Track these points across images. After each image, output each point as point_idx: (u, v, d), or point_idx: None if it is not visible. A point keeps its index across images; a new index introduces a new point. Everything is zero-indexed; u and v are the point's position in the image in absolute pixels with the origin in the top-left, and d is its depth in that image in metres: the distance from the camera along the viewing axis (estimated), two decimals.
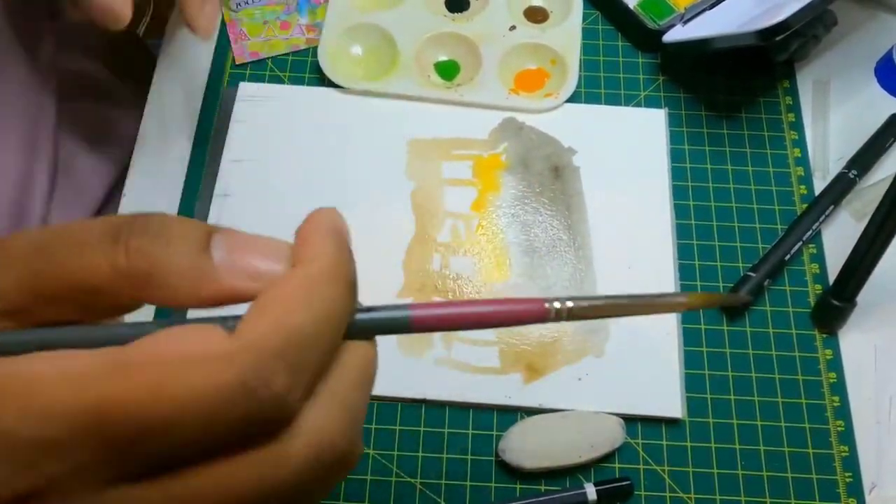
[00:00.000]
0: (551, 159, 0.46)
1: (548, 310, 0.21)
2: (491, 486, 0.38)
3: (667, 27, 0.48)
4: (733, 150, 0.47)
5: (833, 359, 0.41)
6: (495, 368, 0.40)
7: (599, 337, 0.41)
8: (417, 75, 0.47)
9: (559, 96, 0.47)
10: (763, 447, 0.39)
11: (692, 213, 0.45)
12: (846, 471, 0.38)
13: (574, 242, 0.43)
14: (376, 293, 0.42)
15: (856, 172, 0.45)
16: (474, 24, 0.49)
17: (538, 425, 0.38)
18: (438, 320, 0.20)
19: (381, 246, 0.43)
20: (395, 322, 0.20)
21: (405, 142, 0.46)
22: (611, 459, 0.39)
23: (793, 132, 0.47)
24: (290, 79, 0.49)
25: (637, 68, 0.49)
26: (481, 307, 0.20)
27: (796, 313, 0.42)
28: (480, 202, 0.44)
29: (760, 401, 0.40)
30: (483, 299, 0.23)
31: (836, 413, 0.40)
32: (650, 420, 0.39)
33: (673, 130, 0.47)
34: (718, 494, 0.38)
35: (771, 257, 0.42)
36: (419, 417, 0.40)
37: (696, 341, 0.41)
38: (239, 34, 0.50)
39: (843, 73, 0.50)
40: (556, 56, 0.48)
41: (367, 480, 0.38)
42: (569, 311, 0.21)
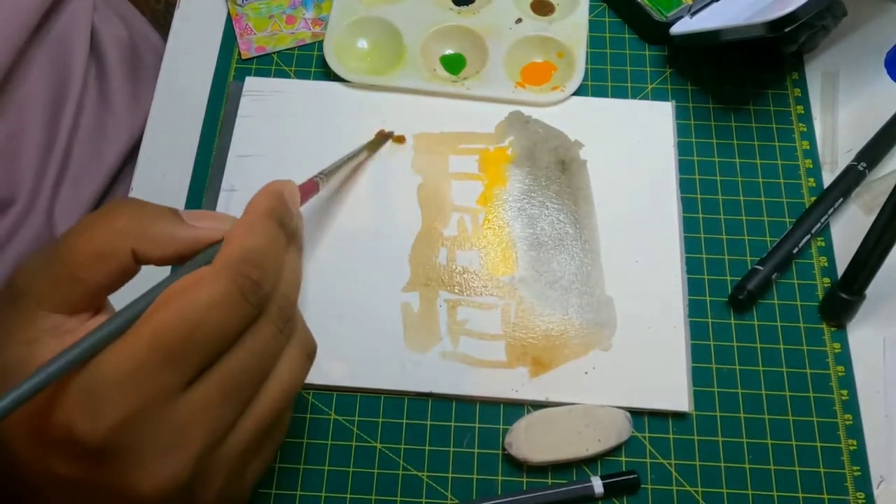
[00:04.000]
0: (558, 153, 0.46)
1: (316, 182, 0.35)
2: (497, 479, 0.38)
3: (674, 19, 0.48)
4: (741, 143, 0.46)
5: (841, 352, 0.41)
6: (502, 362, 0.40)
7: (606, 330, 0.41)
8: (423, 69, 0.47)
9: (566, 89, 0.47)
10: (770, 441, 0.39)
11: (699, 206, 0.45)
12: (854, 465, 0.38)
13: (581, 236, 0.43)
14: (383, 287, 0.42)
15: (865, 165, 0.44)
16: (480, 18, 0.49)
17: (545, 419, 0.38)
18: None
19: (387, 240, 0.43)
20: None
21: (411, 136, 0.46)
22: (617, 453, 0.39)
23: (801, 124, 0.47)
24: (297, 73, 0.49)
25: (644, 61, 0.49)
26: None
27: (804, 307, 0.42)
28: (487, 196, 0.44)
29: (768, 394, 0.40)
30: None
31: (845, 407, 0.40)
32: (657, 414, 0.39)
33: (680, 123, 0.47)
34: (725, 488, 0.38)
35: (779, 250, 0.42)
36: (426, 411, 0.40)
37: (704, 335, 0.41)
38: (245, 29, 0.50)
39: (853, 65, 0.49)
40: (562, 49, 0.48)
41: (374, 473, 0.38)
42: (324, 179, 0.36)
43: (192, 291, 0.25)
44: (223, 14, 0.51)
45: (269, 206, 0.29)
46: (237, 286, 0.26)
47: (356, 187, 0.45)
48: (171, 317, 0.24)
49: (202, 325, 0.25)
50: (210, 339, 0.25)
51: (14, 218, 0.45)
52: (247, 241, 0.27)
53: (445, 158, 0.45)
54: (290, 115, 0.47)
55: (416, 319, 0.41)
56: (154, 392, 0.24)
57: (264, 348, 0.27)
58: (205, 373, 0.26)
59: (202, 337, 0.25)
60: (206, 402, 0.26)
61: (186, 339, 0.24)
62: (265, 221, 0.28)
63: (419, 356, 0.40)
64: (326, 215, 0.44)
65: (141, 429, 0.24)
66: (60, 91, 0.49)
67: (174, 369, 0.25)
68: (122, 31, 0.54)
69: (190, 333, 0.24)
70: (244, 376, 0.27)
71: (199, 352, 0.25)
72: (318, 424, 0.39)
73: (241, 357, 0.26)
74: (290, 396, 0.29)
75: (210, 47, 0.50)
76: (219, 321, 0.25)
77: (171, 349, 0.24)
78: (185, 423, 0.25)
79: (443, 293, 0.42)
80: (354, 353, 0.40)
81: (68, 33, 0.49)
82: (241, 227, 0.27)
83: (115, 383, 0.24)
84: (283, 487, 0.38)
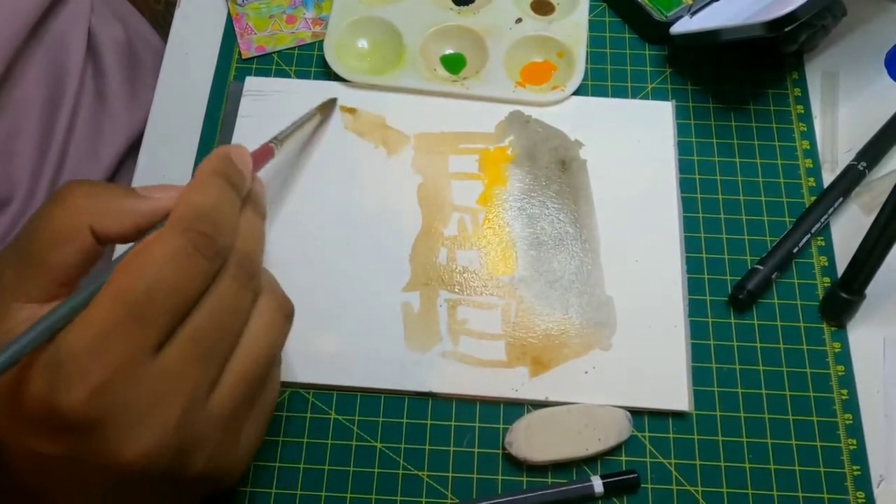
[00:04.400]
0: (558, 152, 0.46)
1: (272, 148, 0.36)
2: (497, 478, 0.38)
3: (674, 19, 0.48)
4: (741, 143, 0.46)
5: (841, 352, 0.41)
6: (502, 362, 0.40)
7: (606, 330, 0.41)
8: (423, 69, 0.47)
9: (566, 89, 0.47)
10: (770, 440, 0.39)
11: (699, 205, 0.45)
12: (854, 464, 0.38)
13: (581, 236, 0.43)
14: (383, 287, 0.42)
15: (865, 164, 0.44)
16: (480, 17, 0.49)
17: (545, 418, 0.38)
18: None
19: (387, 240, 0.43)
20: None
21: (411, 136, 0.46)
22: (617, 452, 0.39)
23: (801, 124, 0.47)
24: (297, 73, 0.49)
25: (644, 60, 0.49)
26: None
27: (804, 306, 0.42)
28: (487, 196, 0.44)
29: (768, 394, 0.40)
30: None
31: (845, 406, 0.40)
32: (657, 413, 0.39)
33: (680, 123, 0.47)
34: (726, 487, 0.38)
35: (779, 250, 0.42)
36: (426, 411, 0.40)
37: (704, 334, 0.41)
38: (245, 28, 0.50)
39: (853, 65, 0.49)
40: (562, 48, 0.48)
41: (374, 473, 0.38)
42: (281, 143, 0.37)
43: (146, 252, 0.25)
44: (223, 14, 0.51)
45: (215, 166, 0.29)
46: (189, 240, 0.26)
47: (355, 187, 0.45)
48: (129, 278, 0.25)
49: (161, 283, 0.25)
50: (171, 296, 0.25)
51: (10, 217, 0.45)
52: (195, 198, 0.27)
53: (445, 158, 0.45)
54: (291, 115, 0.46)
55: (416, 319, 0.41)
56: (124, 355, 0.24)
57: (229, 304, 0.27)
58: (174, 334, 0.26)
59: (163, 294, 0.25)
60: (181, 363, 0.26)
61: (148, 299, 0.25)
62: (212, 179, 0.28)
63: (419, 356, 0.40)
64: (326, 215, 0.44)
65: (117, 395, 0.24)
66: (57, 91, 0.49)
67: (141, 330, 0.25)
68: (119, 32, 0.54)
69: (150, 292, 0.25)
70: (214, 333, 0.27)
71: (163, 310, 0.25)
72: (318, 424, 0.39)
73: (207, 314, 0.26)
74: (269, 354, 0.29)
75: (210, 47, 0.50)
76: (176, 277, 0.25)
77: (134, 310, 0.24)
78: (162, 385, 0.25)
79: (443, 293, 0.42)
80: (355, 352, 0.40)
81: (65, 34, 0.49)
82: (189, 188, 0.28)
83: (84, 351, 0.24)
84: (283, 487, 0.38)
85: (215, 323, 0.27)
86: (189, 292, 0.26)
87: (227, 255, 0.28)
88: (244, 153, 0.31)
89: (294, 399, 0.40)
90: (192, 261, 0.26)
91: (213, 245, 0.27)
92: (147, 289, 0.25)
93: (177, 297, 0.25)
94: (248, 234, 0.29)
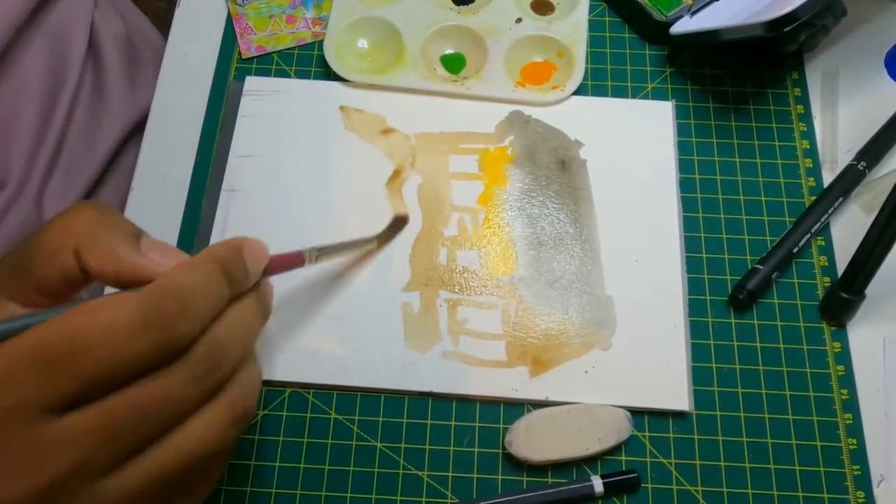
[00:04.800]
0: (558, 152, 0.46)
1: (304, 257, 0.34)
2: (498, 478, 0.38)
3: (674, 19, 0.48)
4: (741, 143, 0.46)
5: (841, 351, 0.41)
6: (502, 362, 0.40)
7: (606, 330, 0.41)
8: (423, 69, 0.47)
9: (566, 89, 0.47)
10: (771, 440, 0.39)
11: (700, 205, 0.45)
12: (854, 464, 0.38)
13: (581, 236, 0.43)
14: (383, 287, 0.42)
15: (865, 164, 0.44)
16: (480, 17, 0.49)
17: (545, 418, 0.38)
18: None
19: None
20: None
21: (411, 135, 0.46)
22: (617, 452, 0.39)
23: (801, 124, 0.47)
24: (297, 73, 0.49)
25: (644, 60, 0.49)
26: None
27: (804, 306, 0.42)
28: (487, 196, 0.44)
29: (768, 394, 0.40)
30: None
31: (845, 406, 0.40)
32: (657, 413, 0.39)
33: (680, 122, 0.47)
34: (726, 487, 0.38)
35: (779, 250, 0.42)
36: (426, 411, 0.40)
37: (704, 334, 0.41)
38: (245, 28, 0.50)
39: (853, 65, 0.49)
40: (562, 48, 0.48)
41: (374, 473, 0.38)
42: (316, 257, 0.35)
43: (96, 307, 0.23)
44: (223, 14, 0.51)
45: (219, 253, 0.28)
46: (143, 315, 0.24)
47: (356, 187, 0.45)
48: (60, 326, 0.23)
49: (89, 345, 0.23)
50: (96, 362, 0.23)
51: (3, 202, 0.45)
52: (178, 277, 0.25)
53: (445, 158, 0.45)
54: (291, 115, 0.47)
55: (416, 319, 0.41)
56: (18, 400, 0.23)
57: (169, 394, 0.25)
58: (92, 402, 0.24)
59: (88, 358, 0.23)
60: (80, 431, 0.23)
61: (68, 354, 0.23)
62: (206, 264, 0.27)
63: (419, 356, 0.40)
64: (326, 215, 0.44)
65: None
66: (56, 81, 0.49)
67: (47, 384, 0.23)
68: (120, 28, 0.54)
69: (74, 349, 0.23)
70: (135, 418, 0.24)
71: (81, 373, 0.23)
72: (318, 424, 0.39)
73: (136, 395, 0.24)
74: (202, 456, 0.26)
75: (210, 47, 0.50)
76: (110, 345, 0.23)
77: (49, 360, 0.23)
78: (50, 447, 0.23)
79: (443, 293, 0.42)
80: (355, 352, 0.40)
81: (66, 24, 0.50)
82: (180, 265, 0.26)
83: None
84: (283, 486, 0.38)
85: (143, 408, 0.24)
86: (119, 366, 0.24)
87: (188, 343, 0.25)
88: (258, 249, 0.30)
89: (294, 399, 0.40)
90: (137, 336, 0.24)
91: (171, 328, 0.24)
92: (71, 344, 0.23)
93: (102, 366, 0.23)
94: (233, 326, 0.27)
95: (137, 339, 0.24)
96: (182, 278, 0.26)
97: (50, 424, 0.23)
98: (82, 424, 0.23)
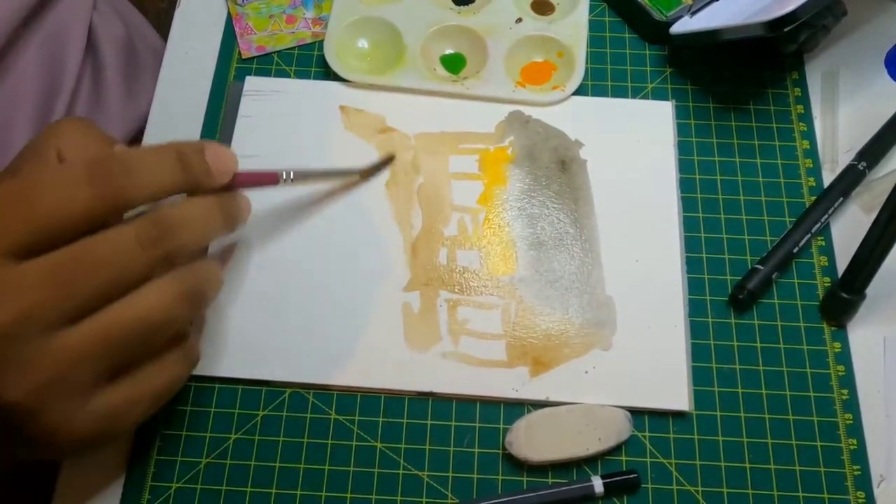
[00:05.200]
0: (558, 152, 0.46)
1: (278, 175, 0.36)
2: (498, 478, 0.38)
3: (674, 19, 0.48)
4: (741, 143, 0.46)
5: (842, 352, 0.41)
6: (502, 362, 0.40)
7: (606, 330, 0.41)
8: (423, 69, 0.47)
9: (566, 89, 0.47)
10: (771, 440, 0.39)
11: (700, 205, 0.45)
12: (854, 464, 0.38)
13: (581, 236, 0.43)
14: (383, 287, 0.42)
15: (865, 164, 0.44)
16: (480, 17, 0.49)
17: (545, 418, 0.38)
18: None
19: (387, 240, 0.43)
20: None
21: (411, 135, 0.46)
22: (618, 452, 0.39)
23: (801, 124, 0.47)
24: (297, 73, 0.49)
25: (644, 60, 0.49)
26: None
27: (805, 306, 0.42)
28: (487, 196, 0.44)
29: (768, 394, 0.40)
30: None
31: (845, 406, 0.40)
32: (657, 413, 0.39)
33: (680, 122, 0.47)
34: (726, 487, 0.38)
35: (779, 250, 0.42)
36: (426, 411, 0.40)
37: (704, 334, 0.41)
38: (245, 28, 0.50)
39: (853, 65, 0.49)
40: (562, 48, 0.48)
41: (374, 473, 0.38)
42: (293, 179, 0.37)
43: (46, 165, 0.27)
44: (223, 14, 0.51)
45: (178, 145, 0.29)
46: (87, 170, 0.26)
47: (356, 187, 0.45)
48: (15, 181, 0.26)
49: (41, 194, 0.25)
50: (44, 208, 0.26)
51: None
52: (129, 149, 0.28)
53: (445, 158, 0.45)
54: (291, 115, 0.47)
55: (416, 319, 0.41)
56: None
57: (114, 250, 0.27)
58: (44, 254, 0.26)
59: (36, 204, 0.25)
60: (33, 276, 0.26)
61: (19, 202, 0.25)
62: (162, 147, 0.29)
63: (420, 356, 0.40)
64: (326, 215, 0.44)
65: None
66: (53, 84, 0.49)
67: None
68: (120, 30, 0.54)
69: (25, 197, 0.25)
70: (79, 267, 0.26)
71: (31, 220, 0.26)
72: (318, 424, 0.39)
73: (82, 247, 0.26)
74: (148, 323, 0.28)
75: (210, 47, 0.50)
76: (58, 195, 0.26)
77: (2, 209, 0.25)
78: (5, 286, 0.25)
79: (443, 293, 0.42)
80: (355, 352, 0.40)
81: (64, 26, 0.49)
82: (136, 147, 0.29)
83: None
84: (283, 487, 0.38)
85: (87, 261, 0.26)
86: (65, 214, 0.26)
87: (134, 207, 0.27)
88: (224, 153, 0.31)
89: (294, 399, 0.40)
90: (77, 186, 0.26)
91: (111, 183, 0.26)
92: (21, 191, 0.25)
93: (47, 211, 0.26)
94: (186, 212, 0.29)
95: (80, 189, 0.26)
96: (133, 151, 0.28)
97: (4, 268, 0.25)
98: (34, 270, 0.26)
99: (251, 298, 0.41)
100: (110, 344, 0.27)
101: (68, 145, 0.30)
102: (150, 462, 0.38)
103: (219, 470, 0.38)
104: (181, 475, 0.38)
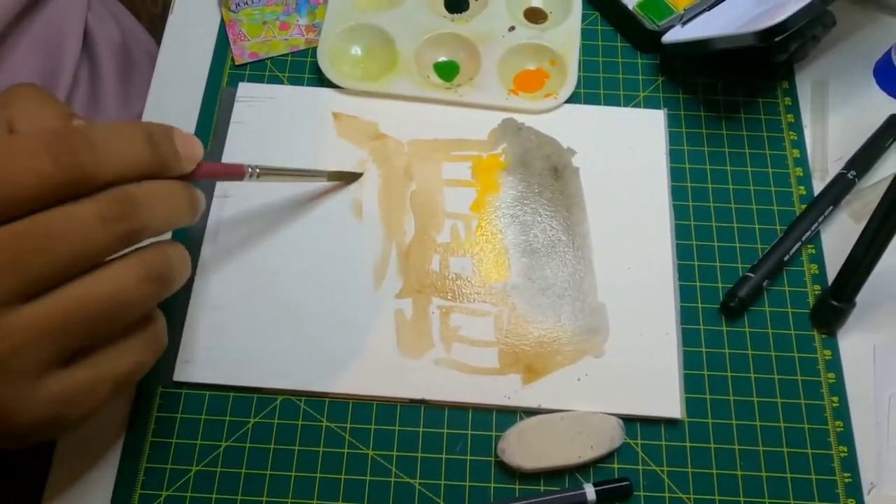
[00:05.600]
0: (551, 160, 0.46)
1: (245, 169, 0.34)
2: (490, 486, 0.38)
3: (666, 28, 0.48)
4: (732, 151, 0.47)
5: (832, 359, 0.41)
6: (494, 369, 0.40)
7: (598, 337, 0.41)
8: (417, 76, 0.47)
9: (559, 97, 0.47)
10: (762, 448, 0.39)
11: (691, 213, 0.45)
12: (845, 471, 0.39)
13: (573, 243, 0.43)
14: (376, 294, 0.42)
15: (855, 173, 0.45)
16: (474, 25, 0.49)
17: (537, 426, 0.38)
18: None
19: (380, 247, 0.43)
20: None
21: (404, 142, 0.46)
22: (610, 460, 0.39)
23: (792, 133, 0.47)
24: (290, 79, 0.49)
25: (636, 69, 0.49)
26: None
27: (795, 314, 0.42)
28: (480, 203, 0.44)
29: (759, 401, 0.40)
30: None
31: (835, 413, 0.40)
32: (649, 420, 0.39)
33: (672, 131, 0.47)
34: (717, 495, 0.38)
35: (770, 258, 0.42)
36: (418, 418, 0.40)
37: (695, 342, 0.41)
38: (238, 35, 0.50)
39: (843, 74, 0.50)
40: (555, 57, 0.48)
41: (366, 481, 0.38)
42: (259, 174, 0.35)
43: (8, 137, 0.25)
44: (216, 20, 0.51)
45: (148, 125, 0.28)
46: (47, 140, 0.25)
47: (348, 193, 0.45)
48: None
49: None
50: (3, 179, 0.24)
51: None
52: (93, 124, 0.26)
53: (438, 165, 0.45)
54: (284, 122, 0.47)
55: (408, 326, 0.41)
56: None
57: (74, 225, 0.25)
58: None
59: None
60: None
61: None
62: (129, 123, 0.27)
63: (412, 363, 0.40)
64: (318, 222, 0.44)
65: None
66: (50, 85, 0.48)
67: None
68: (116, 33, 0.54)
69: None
70: (41, 242, 0.25)
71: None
72: (309, 431, 0.39)
73: (42, 219, 0.25)
74: (111, 302, 0.27)
75: (203, 53, 0.50)
76: (18, 165, 0.24)
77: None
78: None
79: (436, 300, 0.42)
80: (347, 359, 0.40)
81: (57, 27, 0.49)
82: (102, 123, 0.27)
83: None
84: (274, 495, 0.38)
85: (39, 232, 0.25)
86: (23, 185, 0.24)
87: (97, 184, 0.26)
88: (192, 139, 0.30)
89: (285, 406, 0.40)
90: (37, 156, 0.24)
91: (72, 155, 0.25)
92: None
93: (5, 181, 0.24)
94: (152, 192, 0.27)
95: (38, 161, 0.24)
96: (97, 125, 0.26)
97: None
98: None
99: (243, 305, 0.41)
100: (67, 324, 0.26)
101: (21, 116, 0.28)
102: (140, 469, 0.38)
103: (209, 478, 0.38)
104: (171, 483, 0.38)
